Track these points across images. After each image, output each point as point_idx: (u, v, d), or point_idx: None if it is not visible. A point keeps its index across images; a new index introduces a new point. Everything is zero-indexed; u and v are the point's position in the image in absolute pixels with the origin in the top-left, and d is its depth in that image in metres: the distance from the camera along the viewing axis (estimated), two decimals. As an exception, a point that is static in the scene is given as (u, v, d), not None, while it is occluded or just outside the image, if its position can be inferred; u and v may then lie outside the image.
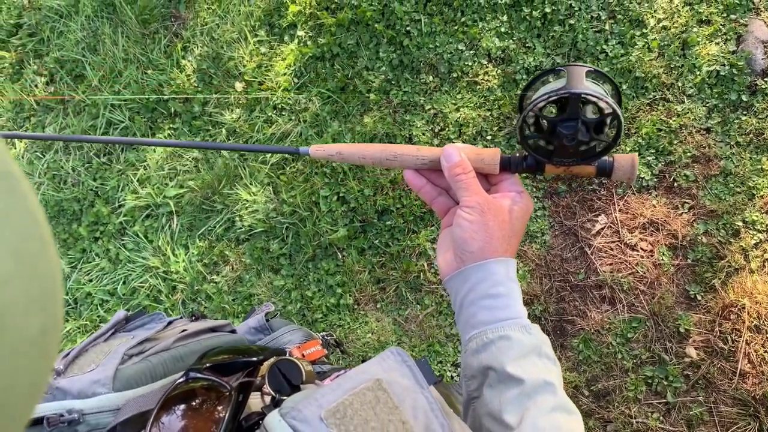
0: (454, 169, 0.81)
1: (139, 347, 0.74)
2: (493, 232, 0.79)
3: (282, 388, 0.73)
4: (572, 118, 0.77)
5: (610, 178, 0.82)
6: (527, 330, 0.77)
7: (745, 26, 2.44)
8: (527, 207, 0.83)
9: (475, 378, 0.78)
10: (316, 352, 1.04)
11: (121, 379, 0.68)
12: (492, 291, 0.78)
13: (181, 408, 0.65)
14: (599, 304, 2.36)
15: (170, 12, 2.91)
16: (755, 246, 2.30)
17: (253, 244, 2.58)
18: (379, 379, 0.65)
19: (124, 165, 2.75)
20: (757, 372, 2.20)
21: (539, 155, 0.82)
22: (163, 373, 0.72)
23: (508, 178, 0.85)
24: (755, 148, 2.37)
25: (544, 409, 0.72)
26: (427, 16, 2.61)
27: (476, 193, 0.80)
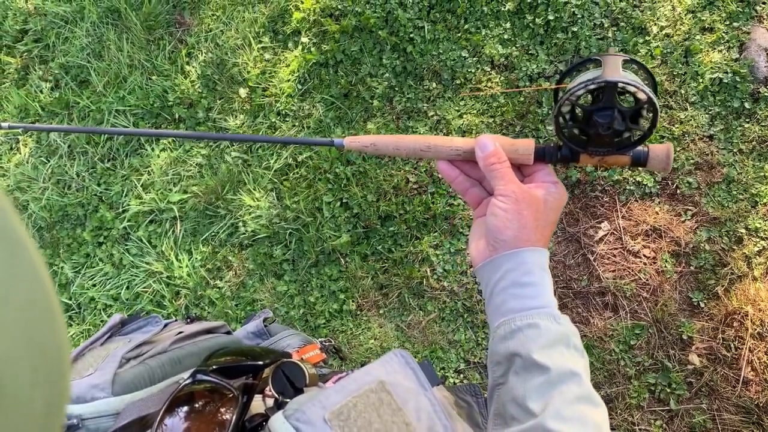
0: (489, 158, 0.81)
1: (137, 350, 0.74)
2: (526, 221, 0.79)
3: (285, 390, 0.74)
4: (608, 107, 0.77)
5: (645, 167, 0.81)
6: (556, 320, 0.77)
7: (748, 34, 2.45)
8: (561, 197, 0.83)
9: (501, 364, 0.78)
10: (315, 356, 1.05)
11: (120, 383, 0.68)
12: (523, 279, 0.79)
13: (185, 409, 0.65)
14: (602, 310, 2.36)
15: (175, 18, 2.93)
16: (758, 253, 2.30)
17: (256, 249, 2.59)
18: (382, 381, 0.65)
19: (129, 170, 2.76)
20: (761, 379, 2.19)
21: (574, 145, 0.82)
22: (162, 376, 0.72)
23: (542, 169, 0.85)
24: (758, 155, 2.37)
25: (569, 398, 0.72)
26: (430, 23, 2.62)
27: (511, 182, 0.80)
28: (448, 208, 2.49)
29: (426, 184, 2.52)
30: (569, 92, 0.78)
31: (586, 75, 0.80)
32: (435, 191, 2.51)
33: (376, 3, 2.64)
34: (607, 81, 0.75)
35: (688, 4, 2.50)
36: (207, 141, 2.73)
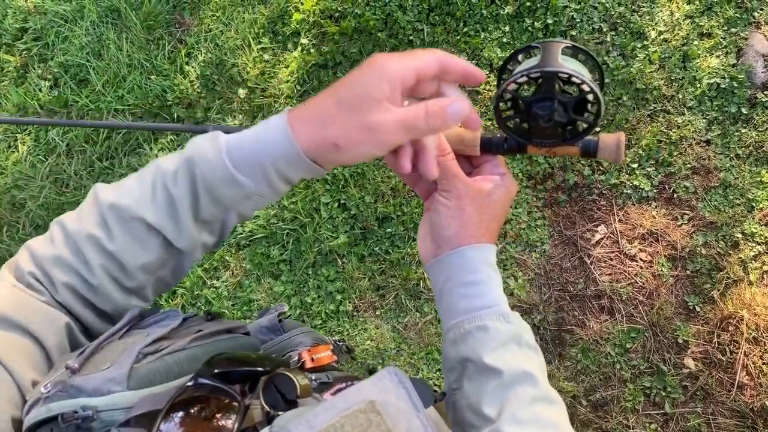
0: None
1: (155, 345, 0.74)
2: (469, 216, 0.77)
3: (277, 403, 0.73)
4: (548, 97, 0.73)
5: (595, 157, 0.78)
6: (506, 318, 0.76)
7: (746, 40, 2.46)
8: (509, 190, 0.80)
9: (454, 370, 0.77)
10: (326, 358, 1.04)
11: (136, 378, 0.68)
12: (468, 278, 0.77)
13: (186, 413, 0.65)
14: (598, 314, 2.37)
15: (175, 18, 2.93)
16: (754, 258, 2.31)
17: (253, 249, 2.59)
18: (372, 400, 0.64)
19: (127, 169, 2.76)
20: (755, 384, 2.20)
21: (520, 136, 0.78)
22: (178, 373, 0.72)
23: (490, 160, 0.82)
24: (755, 160, 2.38)
25: (524, 400, 0.71)
26: (429, 26, 2.63)
27: (454, 176, 0.78)
28: (446, 210, 2.49)
29: (424, 185, 2.53)
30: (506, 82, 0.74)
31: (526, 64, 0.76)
32: (433, 193, 2.51)
33: (375, 5, 2.65)
34: (543, 71, 0.71)
35: (687, 9, 2.51)
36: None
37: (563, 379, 2.32)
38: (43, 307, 0.71)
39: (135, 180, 0.73)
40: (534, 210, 2.48)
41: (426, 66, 0.67)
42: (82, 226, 0.72)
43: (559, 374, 2.32)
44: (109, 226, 0.71)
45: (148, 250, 0.73)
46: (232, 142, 0.69)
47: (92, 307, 0.76)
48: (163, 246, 0.74)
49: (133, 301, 0.79)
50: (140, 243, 0.72)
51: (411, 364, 2.41)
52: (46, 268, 0.72)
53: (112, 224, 0.71)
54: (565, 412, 0.74)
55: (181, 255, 0.76)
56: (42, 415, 0.63)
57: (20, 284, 0.72)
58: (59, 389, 0.64)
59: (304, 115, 0.67)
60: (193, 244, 0.75)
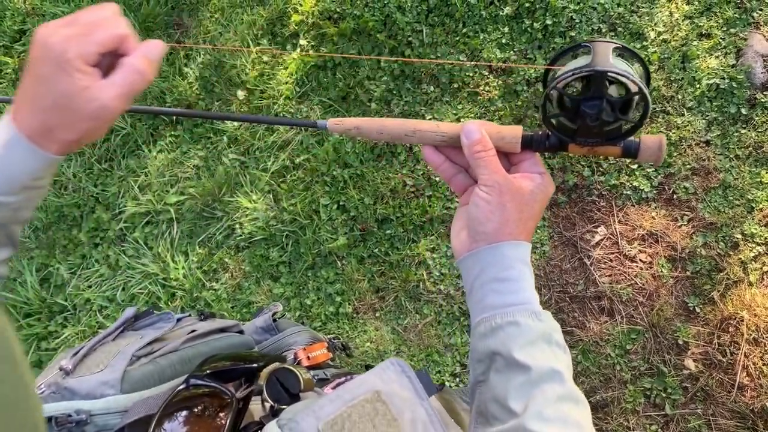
0: (474, 146, 0.78)
1: (148, 348, 0.73)
2: (509, 213, 0.77)
3: (281, 397, 0.73)
4: (596, 96, 0.74)
5: (636, 159, 0.78)
6: (537, 316, 0.76)
7: (745, 40, 2.46)
8: (547, 189, 0.81)
9: (482, 362, 0.77)
10: (322, 356, 1.04)
11: (130, 381, 0.68)
12: (502, 274, 0.77)
13: (182, 414, 0.65)
14: (598, 315, 2.37)
15: (173, 20, 2.93)
16: (754, 259, 2.31)
17: (252, 251, 2.58)
18: (378, 390, 0.64)
19: (125, 171, 2.76)
20: (756, 385, 2.20)
21: (562, 134, 0.78)
22: (172, 375, 0.72)
23: (529, 158, 0.82)
24: (754, 161, 2.38)
25: (551, 398, 0.71)
26: (428, 27, 2.63)
27: (495, 171, 0.78)
28: (445, 211, 2.49)
29: (423, 187, 2.52)
30: (556, 80, 0.75)
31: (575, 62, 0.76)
32: (432, 194, 2.51)
33: (374, 6, 2.65)
34: (595, 70, 0.72)
35: (686, 10, 2.51)
36: (204, 143, 2.72)
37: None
38: None
39: None
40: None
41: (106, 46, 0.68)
42: None
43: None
44: None
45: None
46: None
47: None
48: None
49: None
50: None
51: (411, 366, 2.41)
52: None
53: None
54: (589, 413, 0.74)
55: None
56: None
57: None
58: (53, 390, 0.64)
59: (35, 128, 0.66)
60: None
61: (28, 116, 0.66)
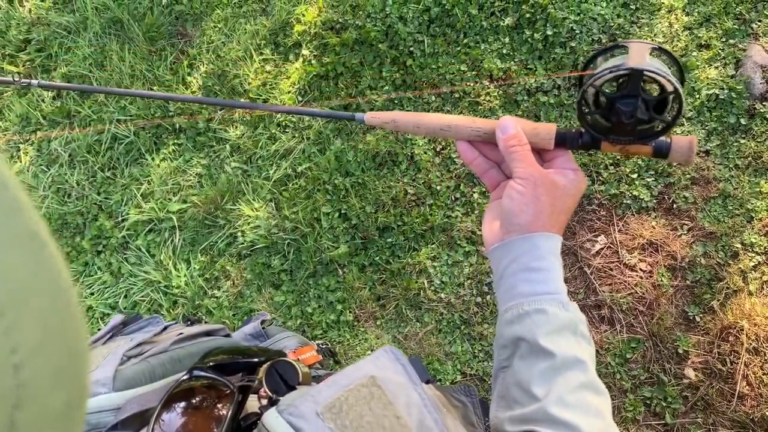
0: (509, 140, 0.80)
1: (138, 349, 0.75)
2: (543, 206, 0.79)
3: (279, 388, 0.74)
4: (632, 95, 0.75)
5: (666, 159, 0.80)
6: (565, 306, 0.77)
7: (744, 51, 2.48)
8: (580, 185, 0.82)
9: (506, 348, 0.78)
10: (311, 358, 1.05)
11: (121, 380, 0.69)
12: (534, 264, 0.78)
13: (182, 405, 0.66)
14: (598, 324, 2.37)
15: (177, 30, 2.95)
16: (754, 268, 2.31)
17: (254, 259, 2.59)
18: (373, 375, 0.66)
19: (128, 179, 2.78)
20: (756, 394, 2.20)
21: (596, 132, 0.80)
22: (162, 374, 0.73)
23: (562, 155, 0.83)
24: (754, 171, 2.39)
25: (573, 385, 0.72)
26: (430, 37, 2.65)
27: (530, 165, 0.80)
28: (446, 220, 2.51)
29: (424, 196, 2.54)
30: (593, 78, 0.77)
31: (611, 61, 0.78)
32: (433, 203, 2.52)
33: (376, 17, 2.67)
34: (632, 68, 0.74)
35: (685, 20, 2.53)
36: (207, 152, 2.74)
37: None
38: None
39: None
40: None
41: None
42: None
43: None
44: None
45: None
46: None
47: None
48: None
49: None
50: None
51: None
52: None
53: None
54: (610, 404, 0.75)
55: None
56: None
57: None
58: None
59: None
60: None
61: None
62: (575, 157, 0.85)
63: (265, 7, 2.91)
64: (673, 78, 0.74)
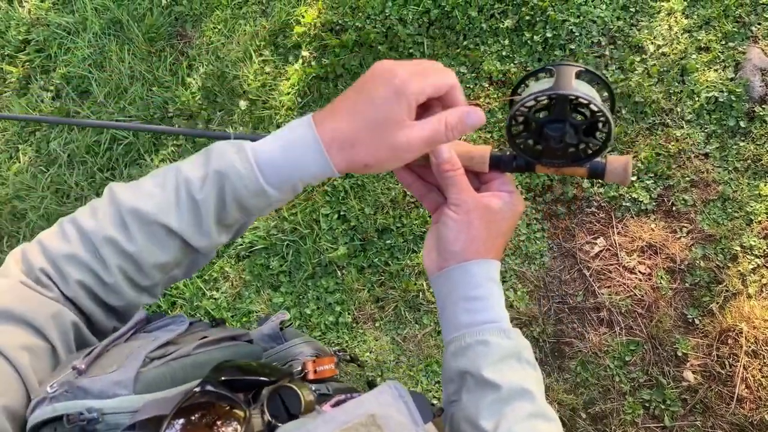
0: (443, 165, 0.79)
1: (161, 350, 0.74)
2: (477, 232, 0.78)
3: (280, 414, 0.73)
4: (560, 119, 0.75)
5: (602, 179, 0.79)
6: (507, 334, 0.77)
7: (744, 54, 2.48)
8: (516, 207, 0.81)
9: (453, 381, 0.78)
10: (329, 371, 1.04)
11: (143, 382, 0.68)
12: (471, 293, 0.78)
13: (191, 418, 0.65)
14: (597, 326, 2.37)
15: (177, 31, 2.95)
16: (753, 271, 2.31)
17: (253, 260, 2.59)
18: (373, 414, 0.65)
19: (127, 180, 2.77)
20: (755, 397, 2.20)
21: (529, 155, 0.80)
22: (183, 379, 0.72)
23: (499, 177, 0.83)
24: (753, 173, 2.39)
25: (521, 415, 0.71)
26: (429, 39, 2.65)
27: (464, 190, 0.79)
28: (445, 222, 2.50)
29: (423, 197, 2.53)
30: (518, 104, 0.75)
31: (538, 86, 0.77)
32: (432, 205, 2.52)
33: (376, 18, 2.67)
34: (557, 94, 0.73)
35: (685, 23, 2.53)
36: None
37: (562, 391, 2.31)
38: (51, 304, 0.72)
39: (154, 184, 0.76)
40: (533, 222, 2.49)
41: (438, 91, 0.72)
42: (99, 226, 0.73)
43: (558, 387, 2.31)
44: (129, 228, 0.72)
45: (166, 252, 0.75)
46: (262, 155, 0.71)
47: (102, 304, 0.77)
48: (181, 248, 0.75)
49: (143, 298, 0.80)
50: (159, 246, 0.74)
51: (410, 376, 2.41)
52: (59, 264, 0.73)
53: (132, 227, 0.73)
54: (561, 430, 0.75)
55: (198, 255, 0.79)
56: (47, 414, 0.64)
57: (29, 279, 0.72)
58: (65, 389, 0.65)
59: (336, 136, 0.70)
60: (212, 246, 0.77)
61: (336, 125, 0.70)
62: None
63: (265, 8, 2.91)
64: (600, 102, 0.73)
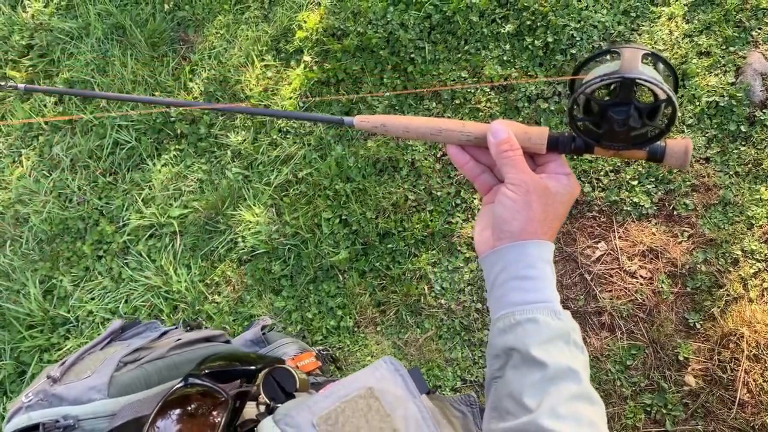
0: (501, 145, 0.79)
1: (134, 355, 0.75)
2: (534, 213, 0.77)
3: (276, 395, 0.74)
4: (624, 102, 0.74)
5: (661, 163, 0.78)
6: (557, 315, 0.76)
7: (744, 58, 2.48)
8: (573, 190, 0.81)
9: (499, 357, 0.77)
10: (310, 364, 1.05)
11: (117, 386, 0.69)
12: (524, 272, 0.77)
13: (177, 412, 0.66)
14: (598, 330, 2.37)
15: (179, 35, 2.96)
16: (754, 275, 2.31)
17: (254, 264, 2.60)
18: (371, 387, 0.66)
19: (130, 185, 2.78)
20: (756, 401, 2.19)
21: (588, 137, 0.78)
22: (158, 381, 0.73)
23: (554, 159, 0.82)
24: (754, 178, 2.39)
25: (565, 396, 0.71)
26: (431, 44, 2.66)
27: (522, 171, 0.78)
28: (447, 226, 2.51)
29: (425, 201, 2.54)
30: (584, 86, 0.75)
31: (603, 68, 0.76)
32: (434, 209, 2.53)
33: (377, 23, 2.68)
34: (623, 77, 0.72)
35: (685, 28, 2.54)
36: (208, 157, 2.75)
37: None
38: None
39: None
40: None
41: None
42: None
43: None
44: None
45: None
46: None
47: None
48: None
49: None
50: None
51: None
52: None
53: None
54: (604, 414, 0.74)
55: None
56: (23, 423, 0.64)
57: None
58: (40, 398, 0.65)
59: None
60: None
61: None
62: (571, 162, 0.84)
63: (267, 13, 2.92)
64: (666, 85, 0.72)
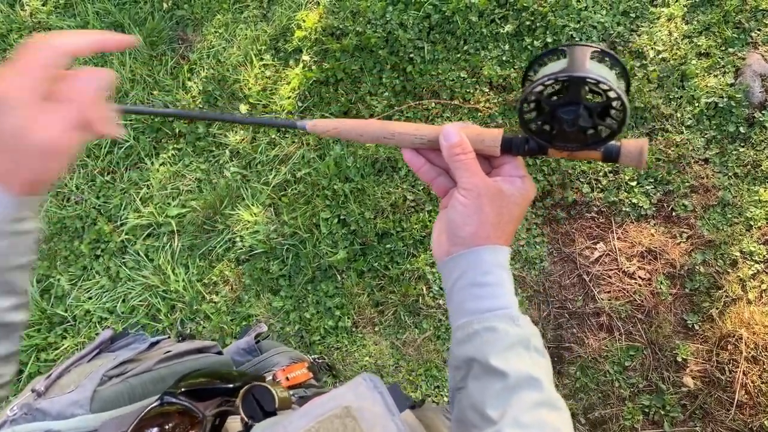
0: (453, 148, 0.77)
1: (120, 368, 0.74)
2: (486, 216, 0.76)
3: (255, 414, 0.72)
4: (573, 102, 0.72)
5: (617, 163, 0.77)
6: (515, 321, 0.75)
7: (743, 60, 2.48)
8: (527, 192, 0.79)
9: (460, 369, 0.76)
10: (302, 375, 1.03)
11: (99, 401, 0.68)
12: (480, 279, 0.76)
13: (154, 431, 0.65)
14: (597, 331, 2.37)
15: (178, 35, 2.96)
16: (752, 276, 2.31)
17: (252, 264, 2.59)
18: (347, 406, 0.65)
19: (128, 184, 2.77)
20: (754, 403, 2.19)
21: (541, 139, 0.77)
22: (143, 395, 0.72)
23: (510, 161, 0.80)
24: (753, 179, 2.39)
25: (528, 404, 0.70)
26: (430, 44, 2.65)
27: (474, 174, 0.77)
28: (445, 226, 2.50)
29: (423, 202, 2.54)
30: (532, 85, 0.73)
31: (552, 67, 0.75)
32: (432, 209, 2.52)
33: (377, 23, 2.68)
34: (571, 76, 0.70)
35: (685, 29, 2.54)
36: (206, 156, 2.74)
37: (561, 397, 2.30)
38: None
39: None
40: (533, 227, 2.49)
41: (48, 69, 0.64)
42: None
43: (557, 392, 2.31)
44: None
45: None
46: None
47: None
48: None
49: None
50: None
51: (410, 380, 2.41)
52: None
53: None
54: (569, 419, 0.73)
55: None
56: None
57: None
58: (24, 412, 0.65)
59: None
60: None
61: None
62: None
63: (266, 12, 2.91)
64: (615, 84, 0.70)
